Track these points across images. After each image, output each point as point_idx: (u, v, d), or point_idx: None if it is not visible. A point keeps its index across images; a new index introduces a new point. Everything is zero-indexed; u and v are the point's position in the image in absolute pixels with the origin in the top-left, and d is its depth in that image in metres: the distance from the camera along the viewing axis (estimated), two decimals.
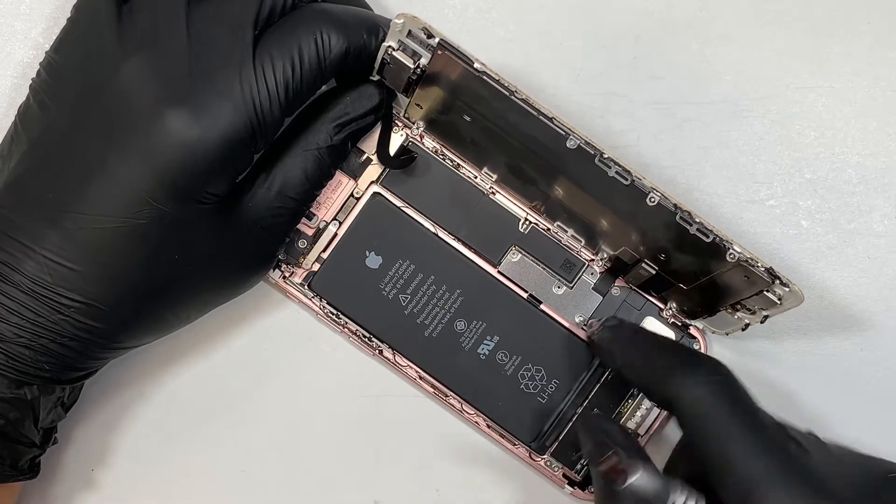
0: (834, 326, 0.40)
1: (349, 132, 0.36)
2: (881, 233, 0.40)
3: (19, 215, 0.32)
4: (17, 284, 0.31)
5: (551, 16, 0.40)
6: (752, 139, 0.40)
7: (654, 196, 0.33)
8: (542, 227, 0.39)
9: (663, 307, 0.39)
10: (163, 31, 0.32)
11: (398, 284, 0.38)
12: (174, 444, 0.40)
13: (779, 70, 0.40)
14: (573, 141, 0.32)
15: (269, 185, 0.35)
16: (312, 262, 0.38)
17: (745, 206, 0.40)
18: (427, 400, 0.39)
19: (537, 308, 0.38)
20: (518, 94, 0.32)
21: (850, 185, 0.40)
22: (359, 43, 0.33)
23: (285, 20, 0.33)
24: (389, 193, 0.38)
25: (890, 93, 0.40)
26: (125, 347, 0.34)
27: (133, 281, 0.32)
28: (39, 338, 0.32)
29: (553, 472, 0.39)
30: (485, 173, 0.38)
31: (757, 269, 0.32)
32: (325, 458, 0.40)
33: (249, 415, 0.40)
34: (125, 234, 0.32)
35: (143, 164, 0.31)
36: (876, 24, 0.40)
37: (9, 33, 0.39)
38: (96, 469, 0.39)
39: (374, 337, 0.38)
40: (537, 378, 0.38)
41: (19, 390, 0.32)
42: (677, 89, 0.40)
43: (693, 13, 0.40)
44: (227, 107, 0.32)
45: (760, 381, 0.40)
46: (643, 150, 0.40)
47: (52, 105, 0.33)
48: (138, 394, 0.39)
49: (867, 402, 0.40)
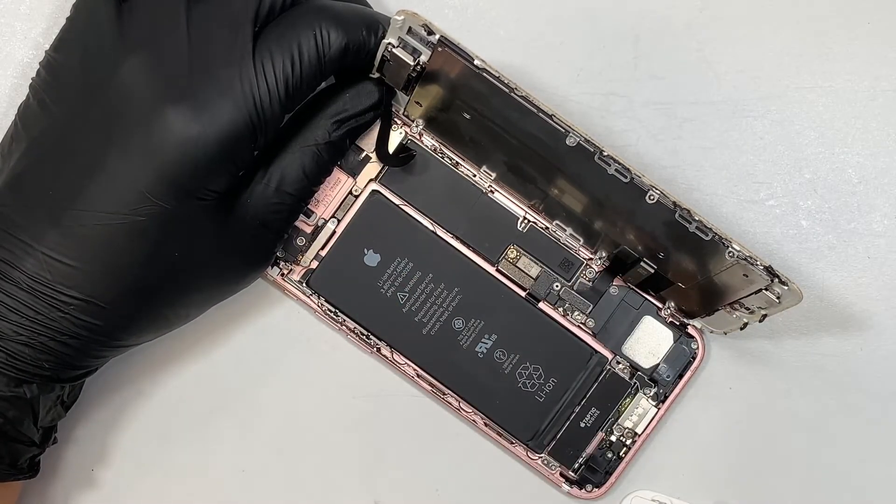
0: (834, 326, 0.40)
1: (348, 129, 0.36)
2: (881, 233, 0.40)
3: (19, 213, 0.32)
4: (17, 282, 0.31)
5: (551, 16, 0.40)
6: (752, 139, 0.40)
7: (654, 194, 0.33)
8: (541, 226, 0.39)
9: (661, 306, 0.38)
10: (163, 29, 0.32)
11: (396, 282, 0.38)
12: (174, 444, 0.40)
13: (779, 70, 0.40)
14: (573, 138, 0.32)
15: (268, 182, 0.35)
16: (311, 260, 0.38)
17: (745, 206, 0.40)
18: (425, 398, 0.39)
19: (535, 307, 0.38)
20: (518, 91, 0.32)
21: (850, 185, 0.40)
22: (358, 39, 0.33)
23: (285, 17, 0.33)
24: (388, 191, 0.38)
25: (890, 93, 0.40)
26: (125, 345, 0.34)
27: (133, 278, 0.32)
28: (39, 335, 0.32)
29: (550, 471, 0.39)
30: (484, 171, 0.38)
31: (756, 268, 0.32)
32: (324, 458, 0.40)
33: (248, 413, 0.40)
34: (125, 231, 0.32)
35: (144, 160, 0.31)
36: (876, 24, 0.40)
37: (9, 33, 0.39)
38: (96, 468, 0.39)
39: (371, 335, 0.38)
40: (535, 376, 0.38)
41: (19, 389, 0.32)
42: (677, 89, 0.40)
43: (693, 13, 0.40)
44: (227, 103, 0.32)
45: (760, 381, 0.40)
46: (643, 150, 0.40)
47: (53, 104, 0.33)
48: (138, 393, 0.39)
49: (867, 402, 0.40)
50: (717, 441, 0.40)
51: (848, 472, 0.40)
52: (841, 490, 0.40)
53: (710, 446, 0.40)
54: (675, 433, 0.39)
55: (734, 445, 0.40)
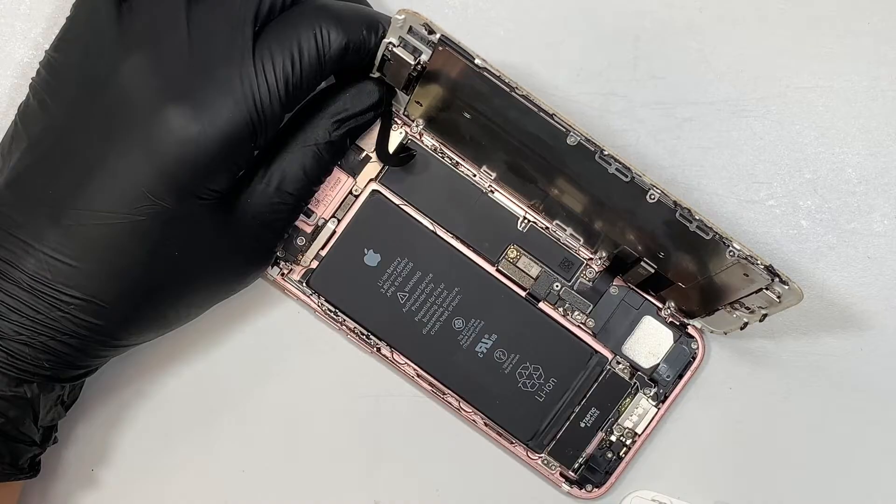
0: (834, 326, 0.40)
1: (348, 128, 0.36)
2: (881, 233, 0.40)
3: (20, 213, 0.32)
4: (18, 282, 0.31)
5: (551, 15, 0.40)
6: (752, 139, 0.40)
7: (654, 193, 0.32)
8: (541, 226, 0.39)
9: (661, 306, 0.38)
10: (163, 28, 0.32)
11: (396, 282, 0.38)
12: (174, 443, 0.39)
13: (779, 70, 0.40)
14: (573, 137, 0.32)
15: (268, 181, 0.35)
16: (311, 260, 0.38)
17: (745, 206, 0.40)
18: (425, 398, 0.39)
19: (535, 307, 0.38)
20: (518, 90, 0.32)
21: (850, 185, 0.40)
22: (358, 39, 0.33)
23: (285, 16, 0.33)
24: (388, 191, 0.38)
25: (890, 93, 0.40)
26: (125, 345, 0.34)
27: (133, 277, 0.32)
28: (39, 335, 0.32)
29: (550, 471, 0.38)
30: (484, 171, 0.38)
31: (756, 267, 0.32)
32: (324, 458, 0.40)
33: (249, 413, 0.40)
34: (125, 231, 0.32)
35: (144, 160, 0.31)
36: (876, 24, 0.40)
37: (9, 33, 0.39)
38: (96, 468, 0.39)
39: (371, 335, 0.38)
40: (535, 376, 0.38)
41: (19, 388, 0.32)
42: (677, 89, 0.40)
43: (693, 13, 0.40)
44: (227, 103, 0.32)
45: (760, 381, 0.40)
46: (643, 150, 0.40)
47: (53, 103, 0.33)
48: (138, 392, 0.39)
49: (867, 402, 0.40)
50: (717, 441, 0.40)
51: (848, 472, 0.40)
52: (841, 490, 0.40)
53: (710, 446, 0.40)
54: (675, 433, 0.39)
55: (734, 445, 0.40)
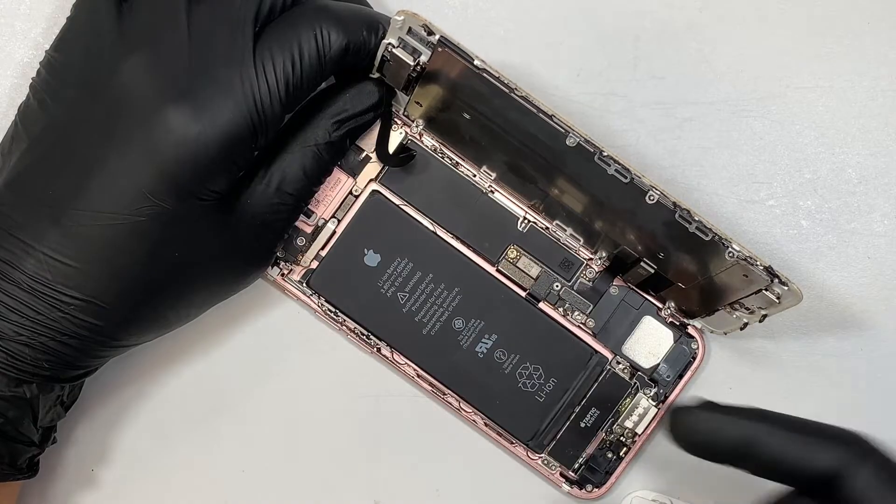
0: (834, 326, 0.40)
1: (348, 129, 0.36)
2: (881, 233, 0.40)
3: (20, 213, 0.32)
4: (18, 282, 0.31)
5: (551, 15, 0.40)
6: (752, 139, 0.40)
7: (654, 194, 0.33)
8: (541, 226, 0.39)
9: (661, 306, 0.38)
10: (163, 29, 0.32)
11: (396, 282, 0.38)
12: (174, 444, 0.40)
13: (779, 70, 0.40)
14: (573, 138, 0.32)
15: (268, 182, 0.35)
16: (311, 260, 0.38)
17: (745, 206, 0.40)
18: (425, 398, 0.39)
19: (535, 307, 0.38)
20: (518, 91, 0.32)
21: (850, 185, 0.40)
22: (358, 39, 0.33)
23: (285, 17, 0.33)
24: (388, 191, 0.38)
25: (890, 93, 0.40)
26: (125, 345, 0.34)
27: (133, 278, 0.32)
28: (39, 335, 0.32)
29: (550, 471, 0.39)
30: (484, 172, 0.38)
31: (756, 268, 0.32)
32: (324, 458, 0.40)
33: (249, 413, 0.40)
34: (125, 231, 0.32)
35: (144, 160, 0.31)
36: (876, 24, 0.40)
37: (9, 33, 0.39)
38: (96, 468, 0.39)
39: (372, 335, 0.38)
40: (535, 377, 0.38)
41: (18, 388, 0.32)
42: (677, 89, 0.40)
43: (693, 13, 0.40)
44: (227, 103, 0.32)
45: (760, 381, 0.40)
46: (643, 150, 0.40)
47: (53, 103, 0.33)
48: (138, 393, 0.39)
49: (867, 401, 0.40)
50: None
51: None
52: None
53: None
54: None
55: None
